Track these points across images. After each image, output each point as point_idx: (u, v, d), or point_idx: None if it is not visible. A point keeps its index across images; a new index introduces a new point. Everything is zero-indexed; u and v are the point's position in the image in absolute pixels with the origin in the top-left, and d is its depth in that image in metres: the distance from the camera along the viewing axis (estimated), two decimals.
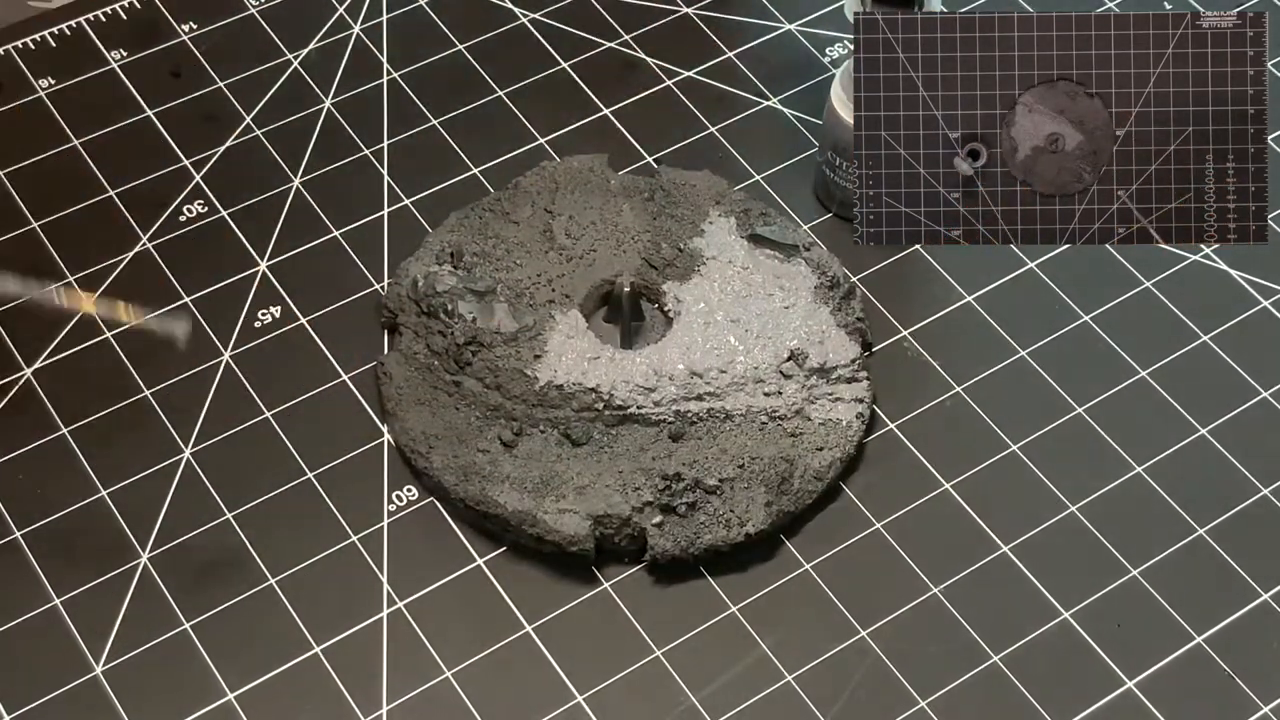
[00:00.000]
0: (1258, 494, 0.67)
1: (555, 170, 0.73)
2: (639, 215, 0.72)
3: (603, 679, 0.63)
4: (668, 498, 0.64)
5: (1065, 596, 0.65)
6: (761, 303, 0.69)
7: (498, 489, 0.65)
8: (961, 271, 0.73)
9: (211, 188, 0.75)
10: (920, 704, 0.62)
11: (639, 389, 0.66)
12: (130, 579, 0.64)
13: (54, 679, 0.62)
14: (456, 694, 0.62)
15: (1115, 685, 0.63)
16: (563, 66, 0.80)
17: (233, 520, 0.66)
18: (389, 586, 0.64)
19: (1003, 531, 0.66)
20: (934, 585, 0.65)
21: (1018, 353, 0.71)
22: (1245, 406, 0.70)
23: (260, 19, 0.81)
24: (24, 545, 0.65)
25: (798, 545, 0.66)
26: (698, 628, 0.64)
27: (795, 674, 0.63)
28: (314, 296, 0.72)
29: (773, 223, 0.72)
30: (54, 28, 0.80)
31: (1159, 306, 0.73)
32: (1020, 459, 0.68)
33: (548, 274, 0.70)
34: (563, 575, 0.65)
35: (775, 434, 0.66)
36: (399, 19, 0.82)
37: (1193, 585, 0.65)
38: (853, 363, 0.68)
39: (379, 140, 0.77)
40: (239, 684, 0.62)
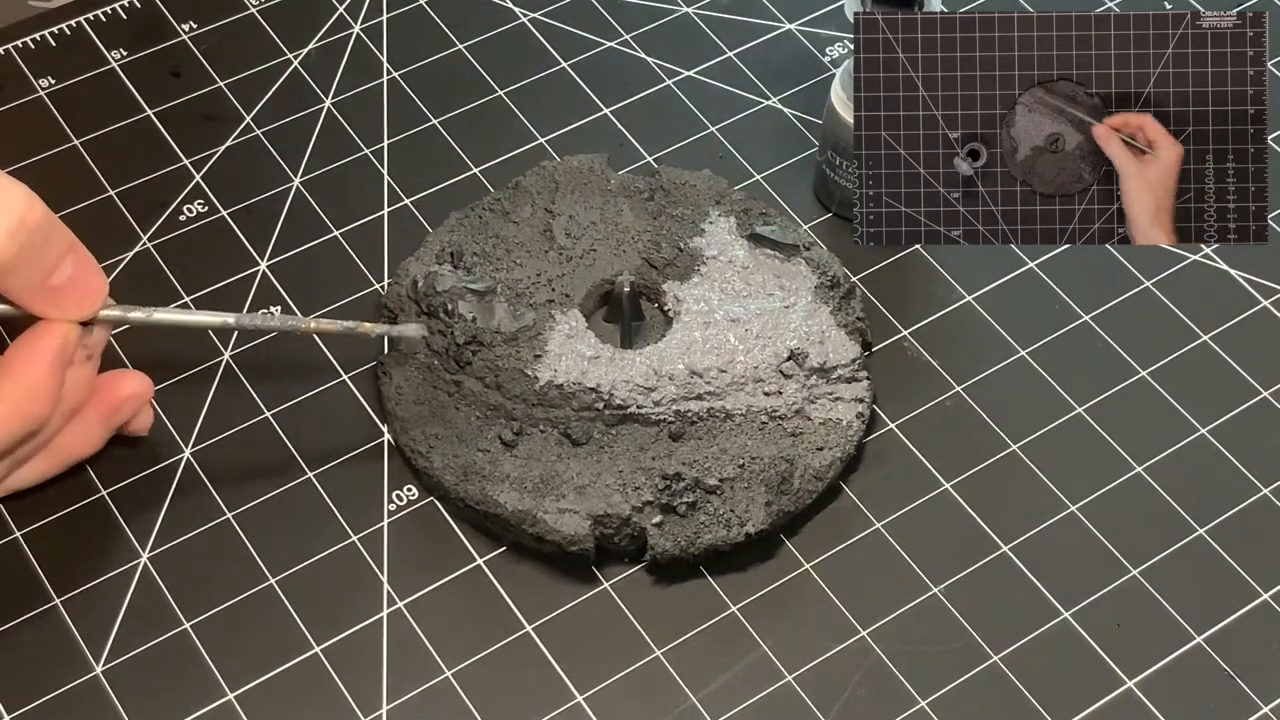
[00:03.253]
0: (1258, 494, 0.67)
1: (555, 170, 0.73)
2: (639, 215, 0.72)
3: (603, 679, 0.63)
4: (668, 498, 0.64)
5: (1065, 596, 0.65)
6: (761, 302, 0.69)
7: (498, 489, 0.65)
8: (961, 271, 0.73)
9: (211, 188, 0.75)
10: (920, 704, 0.62)
11: (639, 389, 0.66)
12: (130, 579, 0.64)
13: (54, 679, 0.62)
14: (456, 694, 0.62)
15: (1115, 685, 0.63)
16: (563, 66, 0.80)
17: (233, 520, 0.66)
18: (389, 586, 0.64)
19: (1003, 531, 0.66)
20: (934, 585, 0.65)
21: (1018, 353, 0.71)
22: (1245, 406, 0.70)
23: (260, 19, 0.81)
24: (24, 545, 0.65)
25: (798, 545, 0.66)
26: (698, 628, 0.64)
27: (795, 674, 0.63)
28: (314, 296, 0.72)
29: (773, 222, 0.72)
30: (54, 28, 0.80)
31: (1159, 306, 0.73)
32: (1020, 459, 0.68)
33: (548, 274, 0.70)
34: (563, 575, 0.65)
35: (775, 434, 0.66)
36: (399, 19, 0.82)
37: (1193, 585, 0.65)
38: (853, 362, 0.68)
39: (379, 140, 0.77)
40: (239, 684, 0.62)
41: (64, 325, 0.60)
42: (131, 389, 0.65)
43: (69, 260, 0.60)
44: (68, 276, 0.60)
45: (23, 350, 0.60)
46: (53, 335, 0.60)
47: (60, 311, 0.60)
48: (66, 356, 0.61)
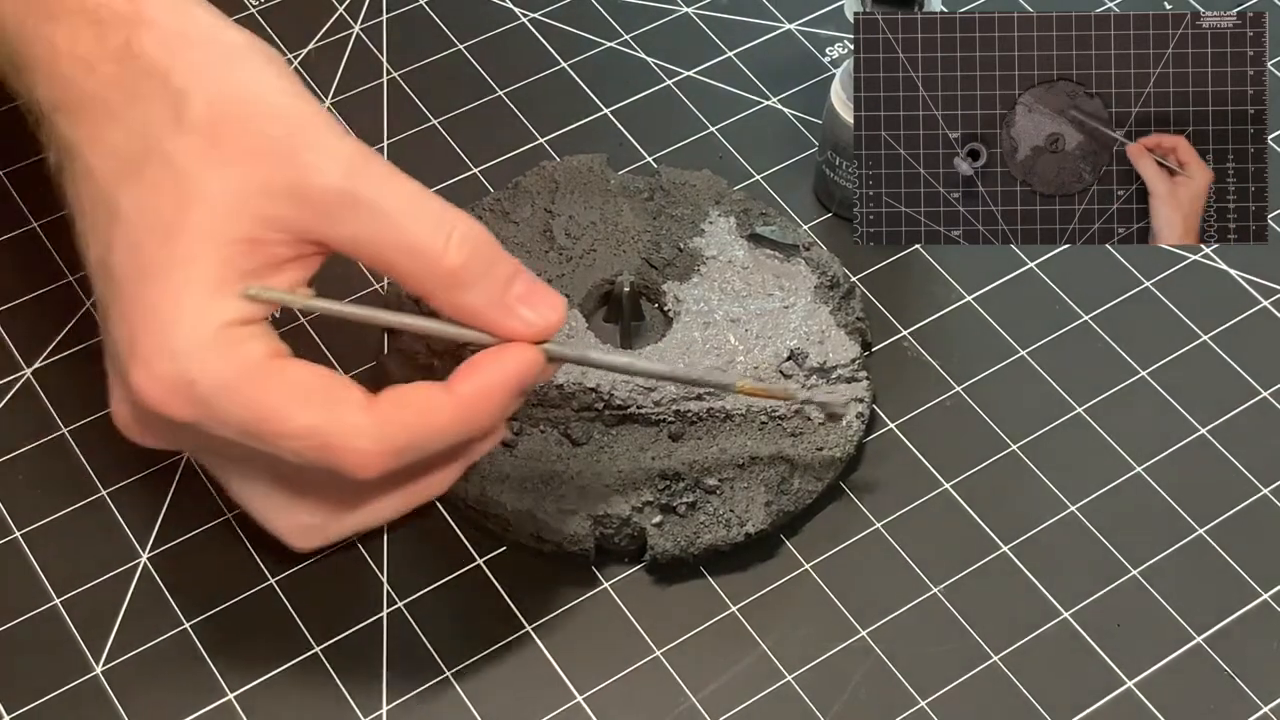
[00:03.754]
0: (1258, 494, 0.67)
1: (555, 170, 0.73)
2: (639, 215, 0.72)
3: (603, 679, 0.63)
4: (668, 498, 0.64)
5: (1065, 596, 0.65)
6: (761, 302, 0.69)
7: (498, 489, 0.65)
8: (961, 271, 0.73)
9: None
10: (920, 704, 0.62)
11: (639, 389, 0.66)
12: (130, 579, 0.64)
13: (54, 679, 0.62)
14: (456, 694, 0.62)
15: (1115, 685, 0.63)
16: (563, 66, 0.80)
17: (233, 520, 0.66)
18: (389, 586, 0.64)
19: (1003, 531, 0.66)
20: (934, 585, 0.65)
21: (1018, 353, 0.71)
22: (1245, 406, 0.70)
23: (260, 19, 0.81)
24: (24, 545, 0.65)
25: (798, 545, 0.66)
26: (698, 628, 0.64)
27: (795, 674, 0.63)
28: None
29: (773, 223, 0.72)
30: None
31: (1159, 306, 0.73)
32: (1020, 459, 0.68)
33: (548, 274, 0.70)
34: (563, 575, 0.65)
35: (775, 434, 0.66)
36: (399, 19, 0.82)
37: (1193, 585, 0.65)
38: (853, 363, 0.68)
39: (379, 140, 0.77)
40: (239, 684, 0.62)
41: (531, 348, 0.55)
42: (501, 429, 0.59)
43: (521, 278, 0.55)
44: (523, 291, 0.55)
45: (490, 358, 0.55)
46: (521, 353, 0.55)
47: (525, 325, 0.55)
48: (526, 380, 0.55)
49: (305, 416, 0.53)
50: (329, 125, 0.55)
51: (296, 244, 0.54)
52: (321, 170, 0.53)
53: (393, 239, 0.54)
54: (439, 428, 0.55)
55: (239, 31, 0.56)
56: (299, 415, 0.53)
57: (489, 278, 0.55)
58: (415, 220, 0.54)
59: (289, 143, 0.54)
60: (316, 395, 0.53)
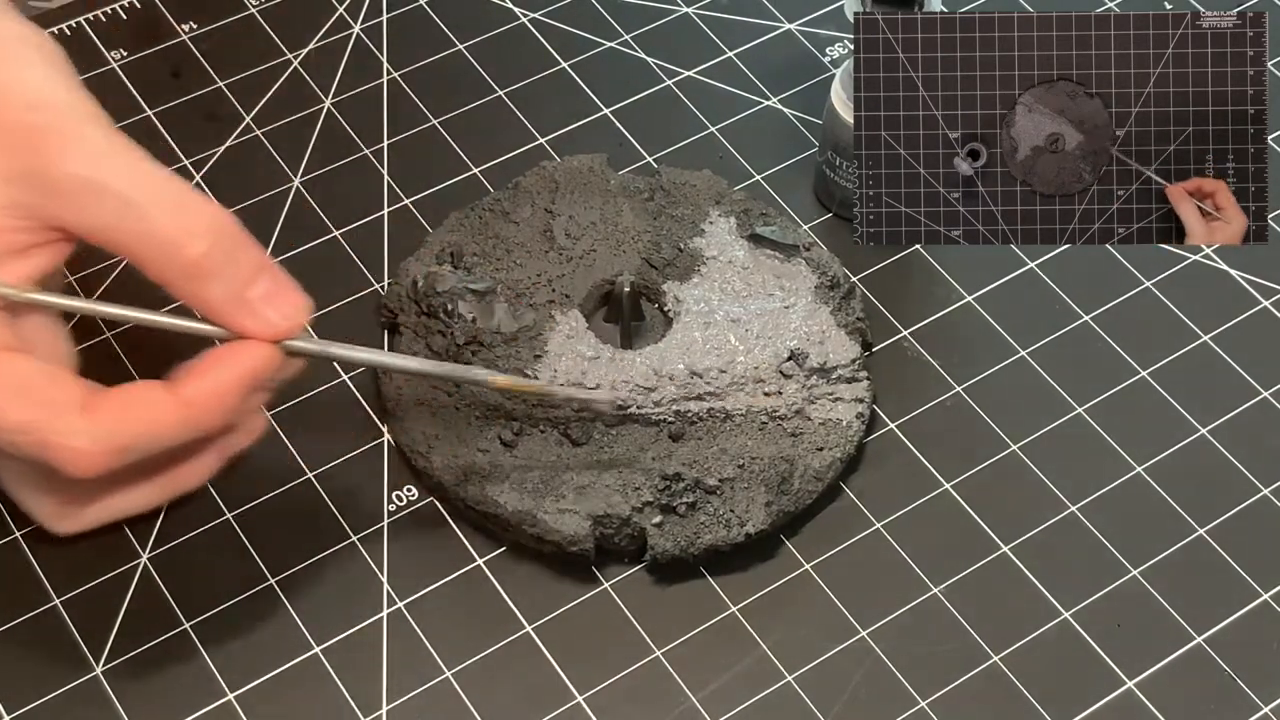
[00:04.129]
0: (1258, 494, 0.67)
1: (555, 170, 0.73)
2: (639, 215, 0.72)
3: (603, 679, 0.63)
4: (668, 498, 0.64)
5: (1065, 596, 0.65)
6: (761, 303, 0.69)
7: (498, 489, 0.65)
8: (961, 271, 0.73)
9: (211, 188, 0.75)
10: (920, 704, 0.62)
11: (639, 389, 0.66)
12: (130, 579, 0.64)
13: (54, 679, 0.62)
14: (456, 694, 0.62)
15: (1115, 685, 0.63)
16: (563, 66, 0.80)
17: (232, 520, 0.66)
18: (389, 586, 0.64)
19: (1003, 531, 0.66)
20: (934, 585, 0.65)
21: (1018, 353, 0.71)
22: (1245, 406, 0.70)
23: (260, 19, 0.81)
24: (24, 545, 0.65)
25: (798, 545, 0.66)
26: (698, 628, 0.64)
27: (795, 674, 0.63)
28: (314, 296, 0.72)
29: (773, 223, 0.72)
30: (54, 27, 0.80)
31: (1159, 306, 0.73)
32: (1020, 459, 0.68)
33: (548, 274, 0.70)
34: (563, 575, 0.65)
35: (775, 434, 0.66)
36: (399, 19, 0.82)
37: (1193, 585, 0.65)
38: (853, 363, 0.68)
39: (379, 140, 0.77)
40: (239, 684, 0.62)
41: (267, 346, 0.56)
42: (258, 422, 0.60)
43: (266, 275, 0.56)
44: (267, 289, 0.56)
45: (220, 357, 0.56)
46: (254, 351, 0.56)
47: (264, 324, 0.56)
48: (260, 377, 0.56)
49: (18, 413, 0.54)
50: (91, 117, 0.56)
51: (39, 230, 0.55)
52: (68, 158, 0.54)
53: (136, 227, 0.54)
54: (162, 428, 0.55)
55: (15, 23, 0.57)
56: (12, 411, 0.54)
57: (231, 271, 0.55)
58: (159, 208, 0.55)
59: (41, 131, 0.54)
60: (33, 392, 0.54)
